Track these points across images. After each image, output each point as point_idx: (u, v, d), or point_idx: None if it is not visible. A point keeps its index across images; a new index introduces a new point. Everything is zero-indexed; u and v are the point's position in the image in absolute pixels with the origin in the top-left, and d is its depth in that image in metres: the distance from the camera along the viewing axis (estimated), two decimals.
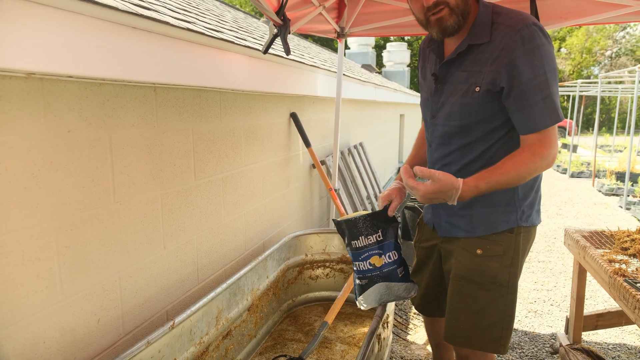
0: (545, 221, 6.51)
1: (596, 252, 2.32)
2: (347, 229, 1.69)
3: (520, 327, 3.31)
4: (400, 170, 1.56)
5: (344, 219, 1.70)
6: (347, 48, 13.58)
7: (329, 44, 18.75)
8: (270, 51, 2.63)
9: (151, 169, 1.86)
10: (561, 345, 2.70)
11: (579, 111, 14.69)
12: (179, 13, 2.16)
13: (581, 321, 2.73)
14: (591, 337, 3.17)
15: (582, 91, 14.13)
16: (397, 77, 14.36)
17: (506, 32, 1.47)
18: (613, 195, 8.66)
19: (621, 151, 16.05)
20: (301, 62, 3.31)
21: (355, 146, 5.42)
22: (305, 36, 10.05)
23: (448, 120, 1.63)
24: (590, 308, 3.60)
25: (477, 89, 1.53)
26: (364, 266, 1.66)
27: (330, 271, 3.05)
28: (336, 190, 3.79)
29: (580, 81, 12.80)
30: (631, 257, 2.25)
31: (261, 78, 2.67)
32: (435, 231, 1.81)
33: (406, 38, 21.15)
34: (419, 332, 3.18)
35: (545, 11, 2.86)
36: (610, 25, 30.59)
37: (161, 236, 1.95)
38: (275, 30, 2.18)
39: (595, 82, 13.68)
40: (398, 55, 14.74)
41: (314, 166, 3.79)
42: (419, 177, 1.53)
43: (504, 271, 1.64)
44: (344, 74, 4.27)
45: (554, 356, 2.91)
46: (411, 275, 1.90)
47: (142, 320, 1.86)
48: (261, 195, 2.91)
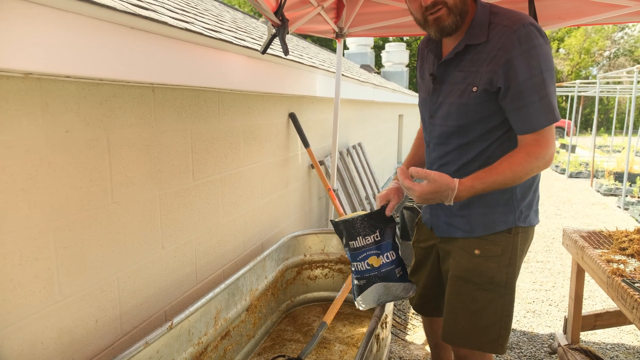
0: (543, 221, 6.51)
1: (594, 252, 2.33)
2: (345, 230, 1.69)
3: (518, 327, 3.31)
4: (397, 171, 1.56)
5: (342, 220, 1.70)
6: (346, 48, 13.59)
7: (328, 44, 18.76)
8: (268, 51, 2.63)
9: (149, 169, 1.86)
10: (559, 345, 2.70)
11: (578, 111, 14.72)
12: (178, 13, 2.16)
13: (579, 321, 2.74)
14: (589, 337, 3.17)
15: (581, 91, 14.14)
16: (396, 78, 14.37)
17: (503, 32, 1.47)
18: (611, 195, 8.67)
19: (619, 151, 16.07)
20: (300, 63, 3.31)
21: (354, 146, 5.42)
22: (304, 36, 10.05)
23: (446, 120, 1.64)
24: (588, 308, 3.60)
25: (475, 89, 1.53)
26: (362, 266, 1.66)
27: (328, 271, 3.05)
28: (335, 190, 3.79)
29: (578, 81, 12.79)
30: (629, 257, 2.25)
31: (260, 78, 2.67)
32: (433, 231, 1.82)
33: (405, 38, 21.16)
34: (418, 332, 3.18)
35: (543, 12, 2.86)
36: (608, 25, 30.63)
37: (159, 236, 1.95)
38: (273, 30, 2.18)
39: (593, 83, 13.70)
40: (397, 55, 14.75)
41: (313, 166, 3.79)
42: (416, 178, 1.53)
43: (502, 271, 1.64)
44: (343, 74, 4.27)
45: (553, 356, 2.92)
46: (409, 275, 1.90)
47: (141, 320, 1.86)
48: (260, 195, 2.91)
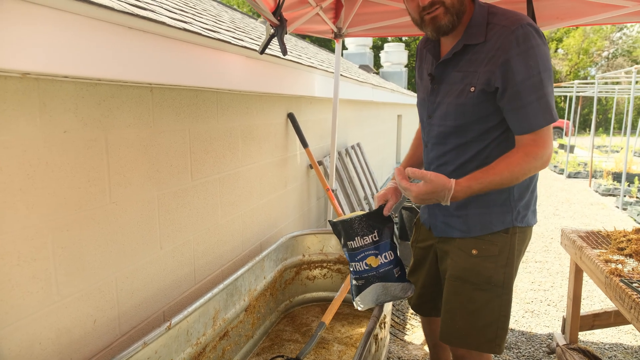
0: (542, 221, 6.52)
1: (592, 252, 2.33)
2: (343, 230, 1.69)
3: (517, 327, 3.31)
4: (394, 171, 1.56)
5: (340, 220, 1.70)
6: (345, 48, 13.58)
7: (327, 45, 18.77)
8: (267, 51, 2.62)
9: (147, 170, 1.86)
10: (558, 345, 2.70)
11: (576, 112, 14.73)
12: (176, 13, 2.16)
13: (578, 321, 2.74)
14: (588, 337, 3.18)
15: (579, 92, 14.16)
16: (395, 78, 14.36)
17: (501, 33, 1.47)
18: (610, 195, 8.68)
19: (618, 152, 16.09)
20: (298, 63, 3.31)
21: (352, 146, 5.42)
22: (303, 37, 10.05)
23: (444, 120, 1.64)
24: (587, 308, 3.60)
25: (472, 89, 1.53)
26: (361, 267, 1.66)
27: (327, 272, 3.05)
28: (333, 190, 3.79)
29: (577, 82, 12.82)
30: (627, 257, 2.25)
31: (258, 78, 2.67)
32: (431, 231, 1.82)
33: (404, 38, 21.17)
34: (416, 333, 3.18)
35: (541, 12, 2.86)
36: (607, 26, 30.67)
37: (158, 237, 1.94)
38: (272, 30, 2.18)
39: (592, 83, 13.71)
40: (395, 55, 14.73)
41: (312, 167, 3.79)
42: (413, 179, 1.54)
43: (500, 271, 1.64)
44: (342, 75, 4.27)
45: (551, 356, 2.92)
46: (408, 275, 1.90)
47: (139, 321, 1.86)
48: (258, 195, 2.91)
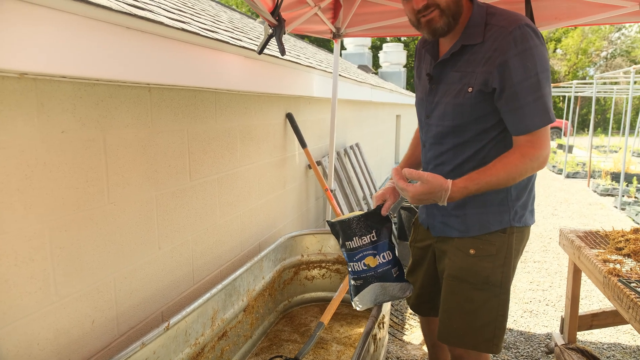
0: (540, 221, 6.52)
1: (591, 252, 2.33)
2: (341, 230, 1.69)
3: (515, 327, 3.31)
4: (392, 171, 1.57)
5: (338, 220, 1.70)
6: (344, 49, 13.57)
7: (326, 45, 18.76)
8: (265, 52, 2.62)
9: (146, 170, 1.86)
10: (556, 345, 2.70)
11: (575, 112, 14.76)
12: (174, 13, 2.16)
13: (576, 321, 2.74)
14: (586, 337, 3.18)
15: (578, 92, 14.17)
16: (394, 78, 14.36)
17: (499, 33, 1.47)
18: (608, 195, 8.68)
19: (616, 152, 16.09)
20: (297, 63, 3.31)
21: (351, 147, 5.42)
22: (301, 37, 10.05)
23: (441, 120, 1.64)
24: (585, 308, 3.60)
25: (470, 90, 1.53)
26: (359, 267, 1.66)
27: (326, 272, 3.05)
28: (332, 190, 3.80)
29: (575, 82, 12.84)
30: (625, 257, 2.25)
31: (257, 78, 2.67)
32: (429, 231, 1.82)
33: (402, 39, 21.17)
34: (415, 333, 3.18)
35: (540, 12, 2.86)
36: (605, 26, 30.71)
37: (156, 237, 1.94)
38: (270, 30, 2.18)
39: (590, 83, 13.71)
40: (394, 56, 14.73)
41: (310, 167, 3.79)
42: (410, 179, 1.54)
43: (497, 271, 1.64)
44: (340, 75, 4.27)
45: (549, 356, 2.92)
46: (406, 275, 1.91)
47: (137, 321, 1.86)
48: (257, 196, 2.91)
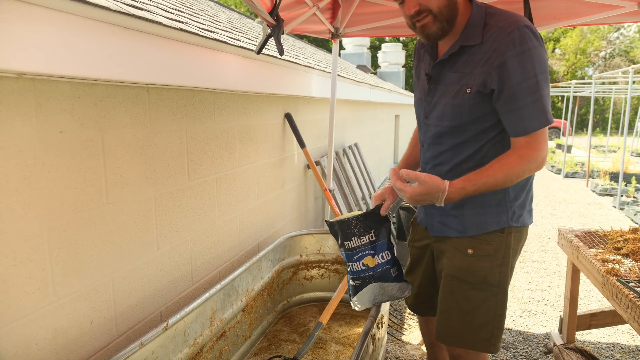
0: (539, 221, 6.53)
1: (589, 252, 2.33)
2: (340, 230, 1.69)
3: (514, 327, 3.32)
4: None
5: (337, 220, 1.70)
6: (342, 49, 13.58)
7: (325, 45, 18.75)
8: (264, 52, 2.62)
9: (144, 170, 1.85)
10: (555, 344, 2.70)
11: (573, 112, 14.77)
12: (172, 13, 2.16)
13: (575, 321, 2.74)
14: (585, 337, 3.18)
15: (576, 92, 14.18)
16: (392, 78, 14.37)
17: (498, 34, 1.47)
18: (607, 195, 8.69)
19: (615, 151, 16.11)
20: (295, 63, 3.31)
21: (350, 147, 5.42)
22: (300, 37, 10.05)
23: (440, 120, 1.64)
24: (584, 308, 3.61)
25: (468, 91, 1.53)
26: (358, 267, 1.66)
27: (325, 272, 3.05)
28: (331, 190, 3.80)
29: (574, 82, 12.85)
30: (624, 257, 2.26)
31: (255, 78, 2.66)
32: (427, 231, 1.82)
33: (401, 39, 21.17)
34: (414, 332, 3.18)
35: (538, 12, 2.87)
36: (604, 26, 30.75)
37: (154, 237, 1.94)
38: (268, 30, 2.18)
39: (589, 83, 13.75)
40: (393, 55, 14.74)
41: (309, 167, 3.79)
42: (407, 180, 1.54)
43: (495, 271, 1.64)
44: (339, 75, 4.27)
45: (548, 356, 2.92)
46: (405, 274, 1.90)
47: (136, 321, 1.86)
48: (256, 196, 2.91)
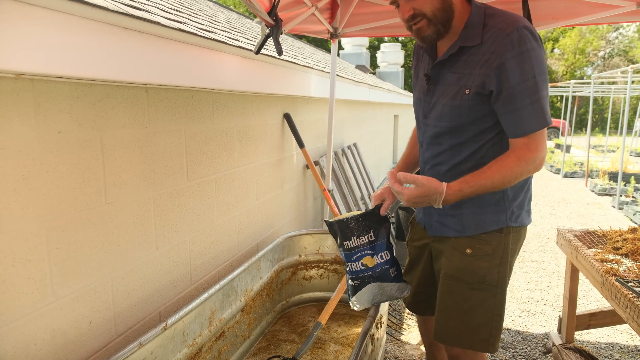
0: (538, 221, 6.53)
1: (588, 252, 2.33)
2: (339, 230, 1.69)
3: (513, 327, 3.32)
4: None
5: (336, 220, 1.70)
6: (341, 49, 13.59)
7: (324, 45, 18.75)
8: (263, 52, 2.62)
9: (143, 170, 1.85)
10: (554, 344, 2.71)
11: (572, 111, 14.77)
12: (171, 13, 2.16)
13: (574, 321, 2.74)
14: (584, 337, 3.19)
15: (575, 92, 14.20)
16: (391, 78, 14.37)
17: (497, 35, 1.47)
18: (606, 195, 8.70)
19: (614, 151, 16.13)
20: (294, 63, 3.31)
21: (349, 147, 5.42)
22: (299, 37, 10.05)
23: (439, 120, 1.64)
24: (583, 307, 3.61)
25: (467, 91, 1.53)
26: (357, 267, 1.66)
27: (324, 272, 3.05)
28: (330, 191, 3.79)
29: (573, 82, 12.86)
30: (623, 257, 2.26)
31: (254, 78, 2.66)
32: (426, 230, 1.82)
33: (400, 39, 21.16)
34: (413, 332, 3.18)
35: (537, 12, 2.87)
36: (603, 25, 30.77)
37: (153, 237, 1.94)
38: (267, 30, 2.18)
39: (588, 83, 13.76)
40: (392, 55, 14.75)
41: (308, 167, 3.79)
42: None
43: (494, 271, 1.64)
44: (338, 75, 4.27)
45: (547, 355, 2.92)
46: (403, 274, 1.91)
47: (135, 321, 1.85)
48: (255, 196, 2.91)
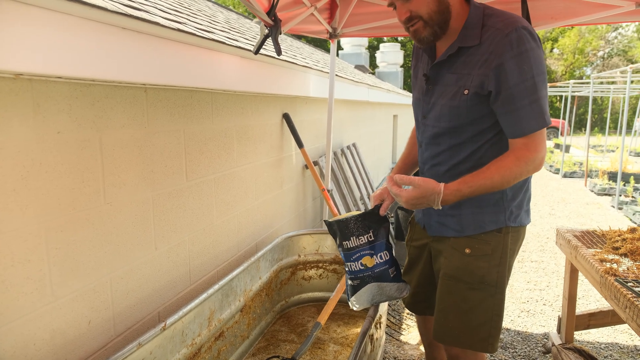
0: (538, 221, 6.53)
1: (587, 252, 2.33)
2: (339, 230, 1.69)
3: (513, 327, 3.32)
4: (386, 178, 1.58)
5: (336, 220, 1.70)
6: (341, 49, 13.59)
7: (323, 45, 18.74)
8: (262, 52, 2.62)
9: (142, 170, 1.85)
10: (553, 344, 2.71)
11: (572, 111, 14.78)
12: (170, 14, 2.16)
13: (573, 321, 2.75)
14: (583, 337, 3.19)
15: (575, 91, 14.20)
16: (391, 78, 14.37)
17: (495, 36, 1.47)
18: (605, 195, 8.70)
19: (613, 151, 16.14)
20: (293, 63, 3.31)
21: (348, 147, 5.42)
22: (298, 37, 10.05)
23: (438, 121, 1.64)
24: (582, 307, 3.61)
25: (466, 92, 1.53)
26: (356, 267, 1.66)
27: (323, 272, 3.05)
28: (329, 191, 3.79)
29: (572, 81, 12.86)
30: (622, 257, 2.26)
31: (253, 79, 2.66)
32: (425, 230, 1.82)
33: (399, 39, 21.15)
34: (413, 332, 3.18)
35: (536, 12, 2.87)
36: (602, 25, 30.78)
37: (152, 237, 1.94)
38: (266, 30, 2.18)
39: (587, 83, 13.75)
40: (391, 55, 14.75)
41: (307, 167, 3.79)
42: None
43: (493, 271, 1.64)
44: (337, 75, 4.27)
45: (547, 356, 2.93)
46: (403, 274, 1.91)
47: (134, 321, 1.85)
48: (254, 196, 2.91)
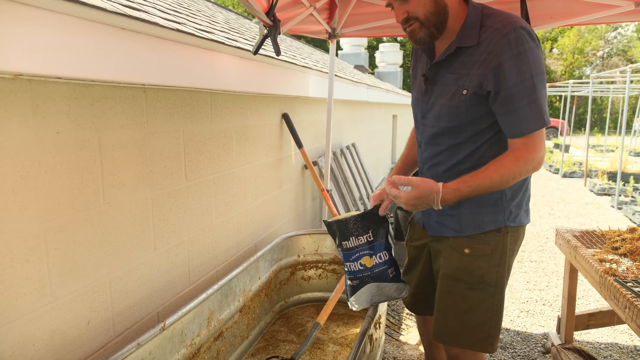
0: (537, 221, 6.54)
1: (587, 252, 2.33)
2: (338, 230, 1.69)
3: (512, 327, 3.32)
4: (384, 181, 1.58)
5: (335, 220, 1.70)
6: (340, 49, 13.59)
7: (322, 45, 18.74)
8: (261, 52, 2.62)
9: (141, 170, 1.85)
10: (553, 344, 2.71)
11: (571, 111, 14.79)
12: (169, 14, 2.16)
13: (573, 321, 2.75)
14: (583, 337, 3.19)
15: (574, 91, 14.21)
16: (390, 78, 14.37)
17: (494, 36, 1.47)
18: (605, 195, 8.70)
19: (613, 151, 16.15)
20: (293, 63, 3.31)
21: (347, 147, 5.42)
22: (297, 37, 10.05)
23: (437, 121, 1.64)
24: (582, 307, 3.61)
25: (465, 92, 1.53)
26: (355, 267, 1.66)
27: (322, 272, 3.05)
28: (328, 191, 3.79)
29: (572, 81, 12.85)
30: (622, 257, 2.26)
31: (252, 79, 2.66)
32: (425, 230, 1.82)
33: (399, 39, 21.14)
34: (412, 333, 3.18)
35: (535, 11, 2.87)
36: (601, 25, 30.79)
37: (152, 238, 1.94)
38: (265, 31, 2.18)
39: (587, 83, 13.74)
40: (391, 55, 14.74)
41: (306, 167, 3.79)
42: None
43: (492, 271, 1.64)
44: (336, 75, 4.27)
45: (546, 356, 2.93)
46: (402, 274, 1.91)
47: (133, 322, 1.85)
48: (253, 196, 2.91)
